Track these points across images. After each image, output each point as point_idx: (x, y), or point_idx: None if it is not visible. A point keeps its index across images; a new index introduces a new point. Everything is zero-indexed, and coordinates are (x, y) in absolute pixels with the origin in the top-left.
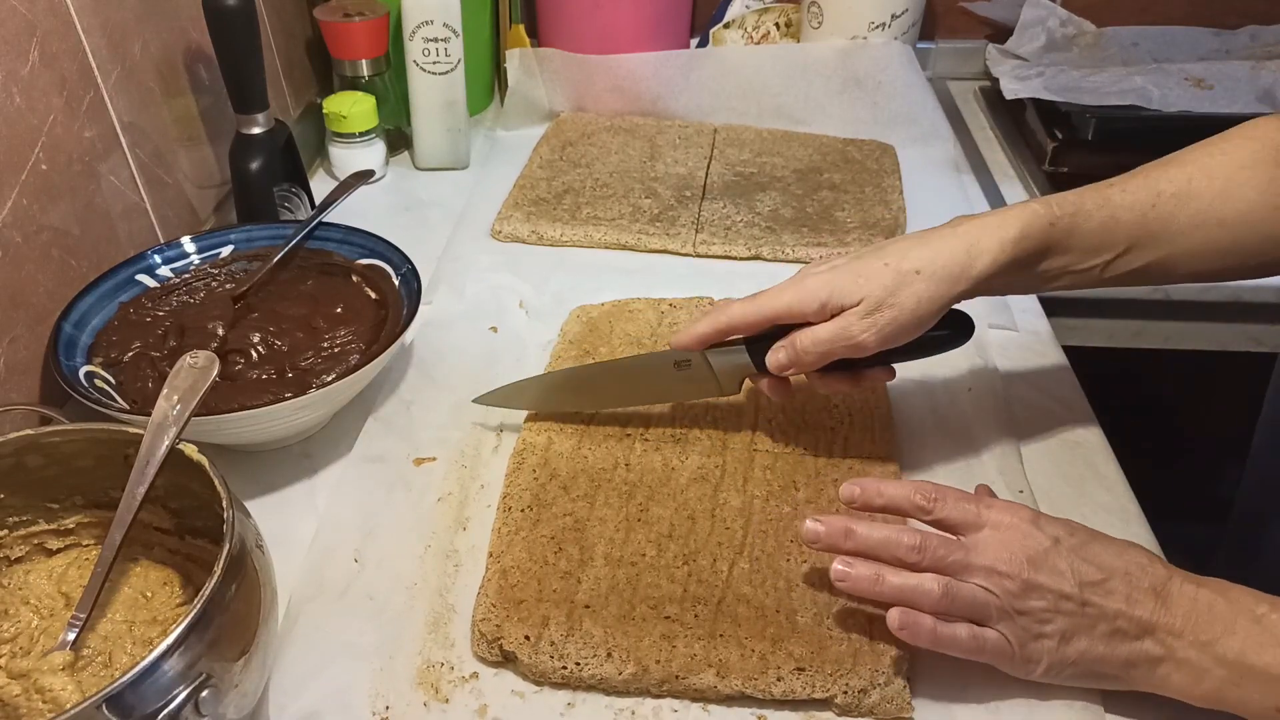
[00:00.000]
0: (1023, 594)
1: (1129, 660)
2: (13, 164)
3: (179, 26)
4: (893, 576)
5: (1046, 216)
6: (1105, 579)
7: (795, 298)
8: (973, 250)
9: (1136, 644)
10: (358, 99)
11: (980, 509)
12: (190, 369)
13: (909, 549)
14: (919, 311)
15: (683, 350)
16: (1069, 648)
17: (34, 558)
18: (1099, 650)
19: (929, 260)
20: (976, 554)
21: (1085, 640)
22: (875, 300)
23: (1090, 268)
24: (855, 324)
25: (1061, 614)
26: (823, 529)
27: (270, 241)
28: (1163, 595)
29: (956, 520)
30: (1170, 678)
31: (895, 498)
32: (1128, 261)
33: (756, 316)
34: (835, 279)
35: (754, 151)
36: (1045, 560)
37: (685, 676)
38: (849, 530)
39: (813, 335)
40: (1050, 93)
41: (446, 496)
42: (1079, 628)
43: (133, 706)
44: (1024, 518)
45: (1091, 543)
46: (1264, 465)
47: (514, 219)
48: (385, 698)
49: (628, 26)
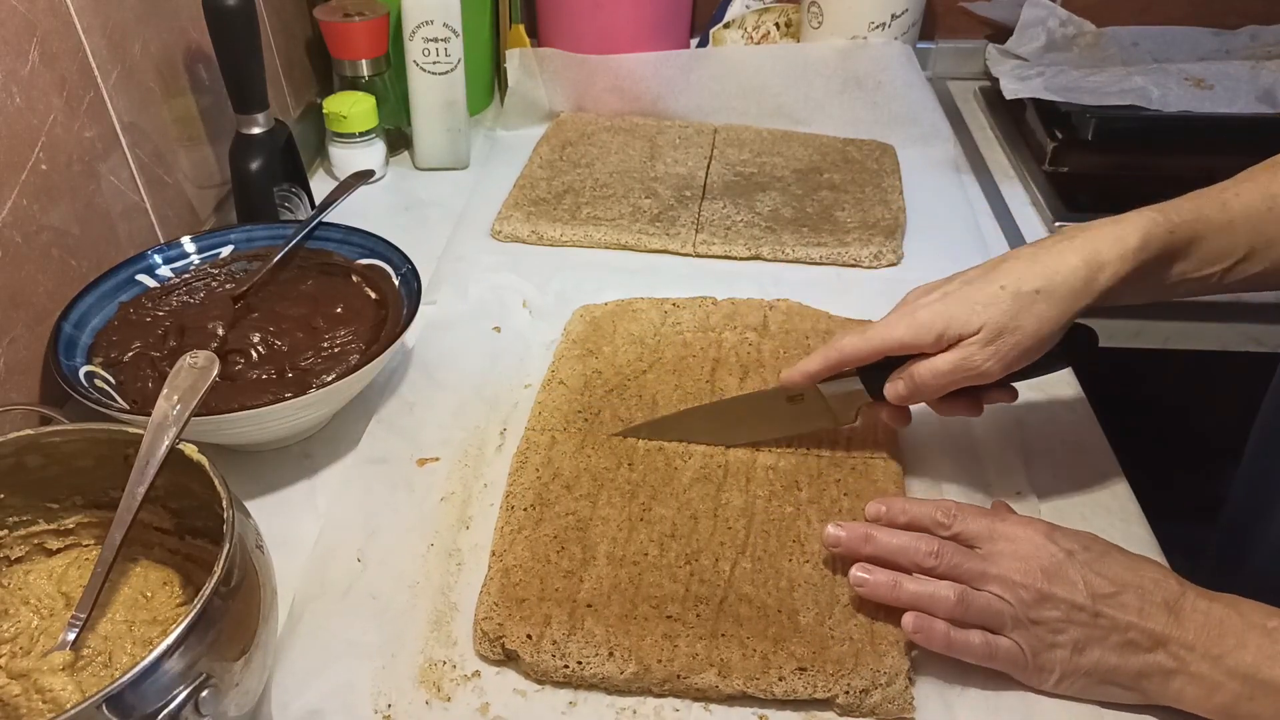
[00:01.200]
0: (1037, 604)
1: (1141, 671)
2: (13, 164)
3: (179, 26)
4: (909, 583)
5: (1165, 224)
6: (1118, 591)
7: (910, 332)
8: (1093, 263)
9: (1149, 656)
10: (358, 99)
11: (996, 523)
12: (190, 369)
13: (926, 554)
14: (1041, 333)
15: (793, 386)
16: (1082, 658)
17: (34, 558)
18: (1111, 661)
19: (1048, 279)
20: (992, 564)
21: (1098, 651)
22: (996, 327)
23: (1209, 275)
24: (977, 353)
25: (1074, 624)
26: (844, 534)
27: (270, 241)
28: (1175, 609)
29: (974, 533)
30: (1184, 691)
31: (917, 515)
32: (1246, 268)
33: (869, 350)
34: (950, 309)
35: (754, 151)
36: (1059, 571)
37: (687, 676)
38: (868, 536)
39: (932, 367)
40: (1050, 93)
41: (449, 496)
42: (1092, 638)
43: (133, 706)
44: (1039, 531)
45: (1106, 556)
46: (1259, 465)
47: (514, 219)
48: (387, 696)
49: (628, 26)
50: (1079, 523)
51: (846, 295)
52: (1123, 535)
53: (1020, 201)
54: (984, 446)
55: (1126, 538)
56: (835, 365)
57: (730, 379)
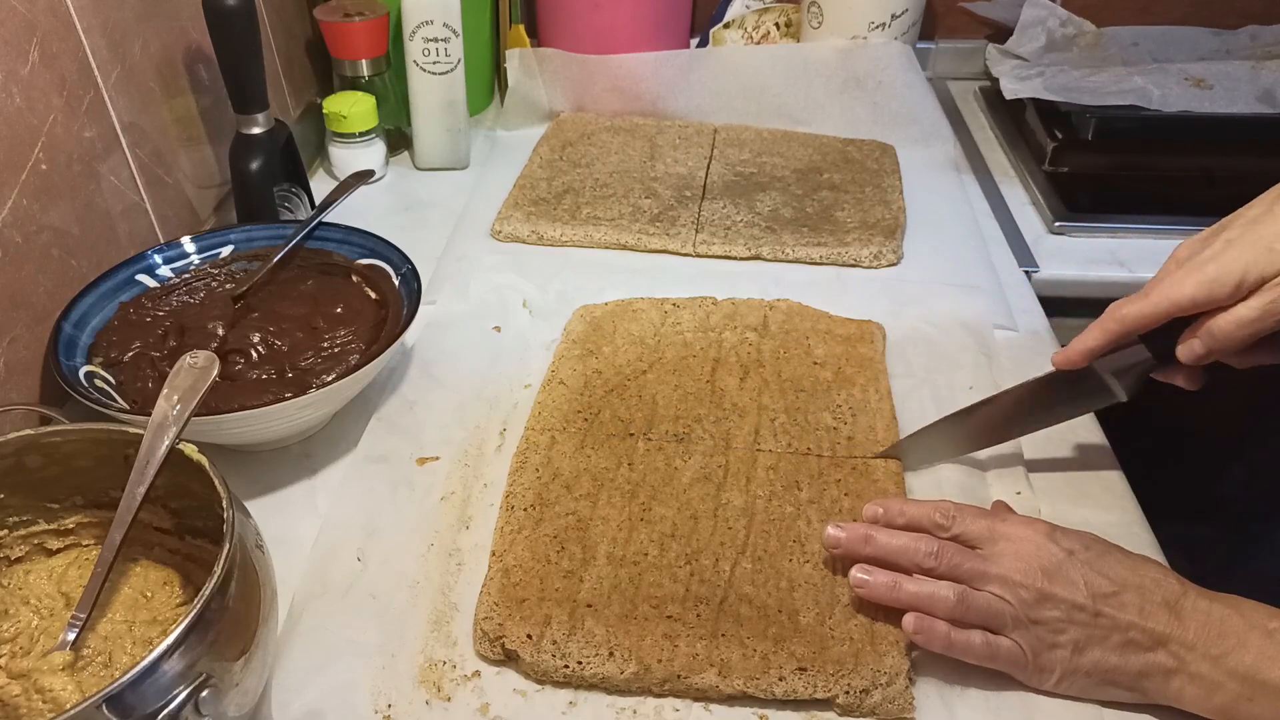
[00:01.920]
0: (1037, 604)
1: (1142, 671)
2: (13, 164)
3: (179, 26)
4: (909, 584)
5: None
6: (1118, 591)
7: (1202, 288)
8: None
9: (1149, 655)
10: (358, 99)
11: (996, 523)
12: (190, 369)
13: (926, 555)
14: None
15: (1070, 367)
16: (1082, 658)
17: (34, 558)
18: (1112, 661)
19: None
20: (993, 564)
21: (1098, 650)
22: None
23: None
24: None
25: (1075, 624)
26: (843, 535)
27: (270, 241)
28: (1176, 609)
29: (974, 534)
30: (1184, 691)
31: (916, 516)
32: None
33: (1155, 315)
34: (1245, 254)
35: (754, 151)
36: (1059, 571)
37: (687, 676)
38: (868, 537)
39: (1236, 319)
40: (1050, 93)
41: (449, 495)
42: (1092, 638)
43: (133, 706)
44: (1039, 531)
45: (1106, 556)
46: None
47: (514, 219)
48: (387, 696)
49: (628, 26)
50: (1079, 523)
51: (846, 295)
52: (1123, 535)
53: (1020, 201)
54: None
55: (1126, 538)
56: (1117, 338)
57: (730, 379)
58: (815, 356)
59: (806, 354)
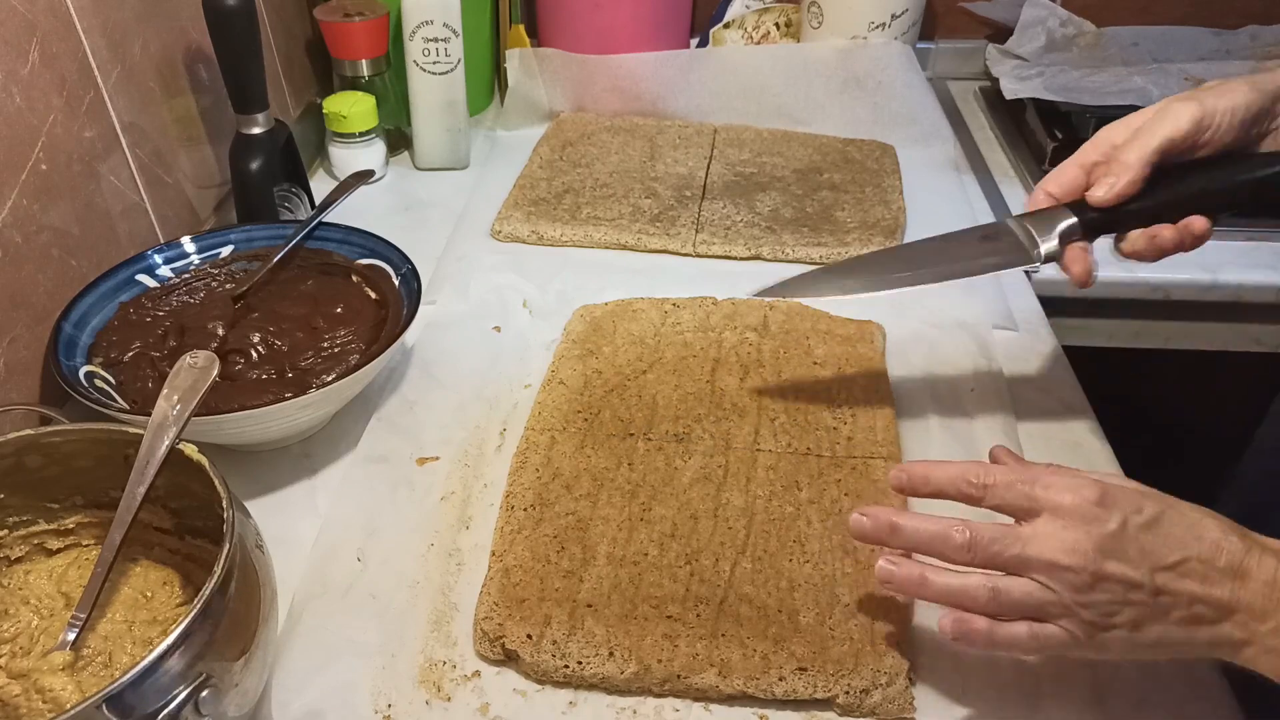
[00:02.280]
0: (1088, 587)
1: (1211, 643)
2: (13, 164)
3: (179, 26)
4: (938, 578)
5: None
6: (1180, 560)
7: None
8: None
9: (1216, 629)
10: (358, 99)
11: (1037, 490)
12: (190, 369)
13: (959, 548)
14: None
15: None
16: (1141, 635)
17: (34, 558)
18: (1176, 636)
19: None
20: (1035, 546)
21: (1159, 626)
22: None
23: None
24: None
25: (1130, 604)
26: (868, 523)
27: (270, 241)
28: (1241, 573)
29: (1011, 504)
30: (1258, 659)
31: (943, 484)
32: None
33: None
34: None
35: (754, 151)
36: (1114, 546)
37: (687, 676)
38: (895, 526)
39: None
40: (1050, 93)
41: (449, 495)
42: (1151, 616)
43: (133, 706)
44: (1087, 497)
45: (1164, 518)
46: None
47: (514, 219)
48: (387, 696)
49: (628, 26)
50: None
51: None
52: None
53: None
54: (983, 445)
55: None
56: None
57: (730, 379)
58: (815, 356)
59: (806, 354)
